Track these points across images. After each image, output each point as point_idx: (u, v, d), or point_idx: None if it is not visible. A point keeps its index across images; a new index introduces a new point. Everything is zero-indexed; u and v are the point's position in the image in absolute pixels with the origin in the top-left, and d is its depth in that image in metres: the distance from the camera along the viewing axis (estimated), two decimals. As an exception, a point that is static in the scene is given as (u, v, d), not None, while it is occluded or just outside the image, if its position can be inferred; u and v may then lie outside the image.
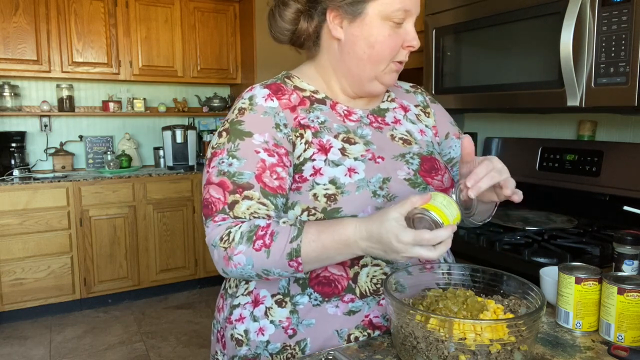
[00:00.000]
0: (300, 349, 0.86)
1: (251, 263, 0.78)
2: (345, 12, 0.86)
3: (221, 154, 0.85)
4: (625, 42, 1.24)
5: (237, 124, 0.86)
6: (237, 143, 0.84)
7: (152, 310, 3.44)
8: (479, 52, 1.69)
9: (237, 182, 0.82)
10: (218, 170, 0.84)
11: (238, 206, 0.81)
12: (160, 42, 3.74)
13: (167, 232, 3.63)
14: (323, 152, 0.86)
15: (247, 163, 0.83)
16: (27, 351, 2.84)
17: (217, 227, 0.81)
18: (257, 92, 0.89)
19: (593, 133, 1.78)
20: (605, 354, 0.78)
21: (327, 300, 0.85)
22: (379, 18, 0.84)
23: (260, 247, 0.77)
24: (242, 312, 0.90)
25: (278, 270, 0.78)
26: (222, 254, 0.80)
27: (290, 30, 0.92)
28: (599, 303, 0.86)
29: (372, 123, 0.95)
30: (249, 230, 0.78)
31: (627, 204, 1.15)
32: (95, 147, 3.85)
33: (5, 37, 3.24)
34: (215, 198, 0.82)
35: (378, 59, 0.87)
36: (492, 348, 0.66)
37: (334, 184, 0.84)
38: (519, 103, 1.56)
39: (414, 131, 0.98)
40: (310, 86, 0.94)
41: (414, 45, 0.87)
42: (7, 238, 3.11)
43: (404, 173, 0.89)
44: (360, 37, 0.86)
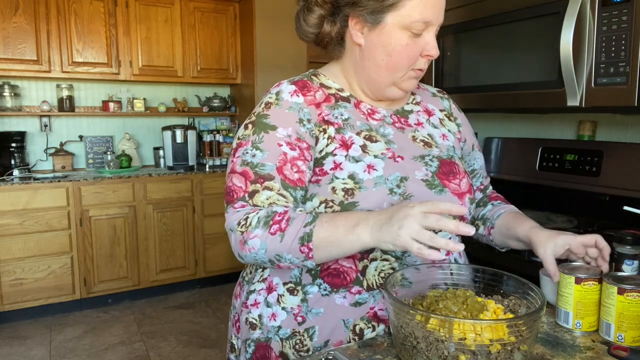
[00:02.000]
0: (308, 335, 0.89)
1: (265, 247, 0.80)
2: (365, 20, 0.88)
3: (246, 144, 0.88)
4: (625, 42, 1.24)
5: (263, 117, 0.90)
6: (262, 135, 0.88)
7: (152, 310, 3.44)
8: (479, 52, 1.69)
9: (259, 172, 0.85)
10: (242, 160, 0.87)
11: (258, 195, 0.85)
12: (160, 42, 3.74)
13: (167, 232, 3.63)
14: (344, 147, 0.89)
15: (269, 155, 0.86)
16: (27, 351, 2.84)
17: (236, 213, 0.84)
18: (284, 88, 0.92)
19: (593, 133, 1.78)
20: (605, 354, 0.78)
21: (335, 291, 0.88)
22: (398, 27, 0.86)
23: (276, 232, 0.79)
24: (257, 298, 0.94)
25: (289, 256, 0.79)
26: (238, 238, 0.82)
27: (314, 34, 0.95)
28: (599, 303, 0.86)
29: (395, 123, 0.97)
30: (266, 216, 0.81)
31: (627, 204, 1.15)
32: (95, 147, 3.85)
33: (5, 37, 3.24)
34: (237, 186, 0.86)
35: (395, 66, 0.89)
36: (492, 348, 0.66)
37: (352, 179, 0.86)
38: (519, 103, 1.56)
39: (436, 135, 1.00)
40: (336, 84, 0.97)
41: (433, 55, 0.89)
42: (7, 238, 3.11)
43: (421, 174, 0.91)
44: (379, 44, 0.88)
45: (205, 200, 3.75)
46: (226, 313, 3.38)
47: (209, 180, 3.76)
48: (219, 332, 3.09)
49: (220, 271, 3.88)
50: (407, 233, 0.70)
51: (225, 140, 4.13)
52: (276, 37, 3.82)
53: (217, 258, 3.85)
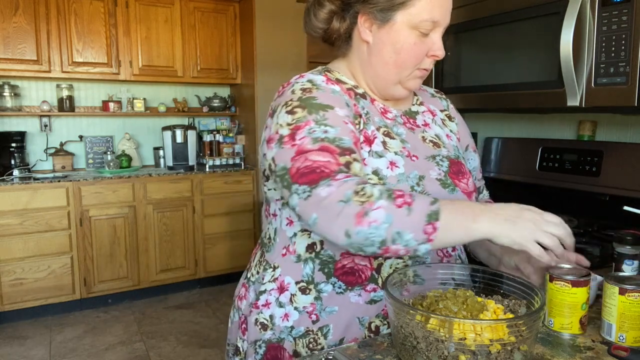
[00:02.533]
0: (322, 334, 0.89)
1: (390, 221, 0.72)
2: (375, 18, 0.88)
3: (307, 125, 0.81)
4: (625, 42, 1.24)
5: (311, 99, 0.85)
6: (322, 114, 0.83)
7: (152, 310, 3.44)
8: (479, 52, 1.69)
9: (342, 145, 0.80)
10: (312, 138, 0.80)
11: (353, 166, 0.79)
12: (160, 42, 3.74)
13: (167, 232, 3.63)
14: (367, 143, 0.88)
15: (341, 130, 0.82)
16: (27, 351, 2.84)
17: (345, 183, 0.75)
18: (313, 77, 0.90)
19: (593, 133, 1.78)
20: (606, 354, 0.78)
21: (350, 289, 0.88)
22: (407, 26, 0.86)
23: (402, 204, 0.73)
24: (268, 298, 0.93)
25: (410, 236, 0.73)
26: (355, 209, 0.73)
27: (323, 29, 0.94)
28: None
29: (405, 123, 0.97)
30: (386, 189, 0.75)
31: (627, 204, 1.15)
32: (95, 147, 3.85)
33: (5, 37, 3.24)
34: (323, 161, 0.78)
35: (403, 65, 0.89)
36: (492, 348, 0.66)
37: (376, 175, 0.86)
38: (519, 103, 1.56)
39: (442, 135, 1.01)
40: (350, 81, 0.96)
41: (439, 55, 0.90)
42: (7, 238, 3.11)
43: (435, 173, 0.92)
44: (388, 42, 0.88)
45: (205, 200, 3.75)
46: (226, 313, 3.37)
47: (209, 180, 3.76)
48: (219, 332, 3.09)
49: (220, 271, 3.88)
50: (533, 232, 0.72)
51: (225, 140, 4.13)
52: (276, 37, 3.82)
53: (217, 258, 3.85)
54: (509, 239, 0.72)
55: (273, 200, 0.96)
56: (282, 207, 0.94)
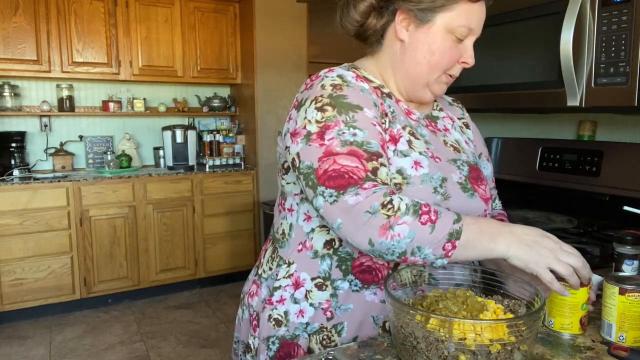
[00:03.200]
0: (336, 331, 0.89)
1: (412, 236, 0.75)
2: (414, 17, 0.88)
3: (337, 125, 0.82)
4: (625, 42, 1.24)
5: (341, 97, 0.84)
6: (352, 115, 0.83)
7: (152, 310, 3.44)
8: (479, 52, 1.69)
9: (369, 150, 0.81)
10: (341, 140, 0.80)
11: (380, 172, 0.80)
12: (160, 42, 3.74)
13: (167, 232, 3.63)
14: (393, 142, 0.88)
15: (370, 133, 0.82)
16: (27, 351, 2.84)
17: (373, 194, 0.76)
18: (343, 72, 0.90)
19: (593, 133, 1.78)
20: (605, 354, 0.78)
21: (366, 287, 0.89)
22: (444, 29, 0.87)
23: (426, 222, 0.75)
24: (282, 294, 0.93)
25: (429, 251, 0.76)
26: (381, 221, 0.75)
27: (360, 23, 0.94)
28: None
29: (428, 126, 0.98)
30: (413, 204, 0.77)
31: (627, 204, 1.15)
32: (95, 147, 3.85)
33: (5, 37, 3.24)
34: (351, 166, 0.78)
35: (435, 67, 0.90)
36: (492, 348, 0.66)
37: (400, 174, 0.86)
38: (519, 103, 1.56)
39: (461, 141, 1.02)
40: (377, 80, 0.96)
41: (469, 63, 0.91)
42: (7, 238, 3.11)
43: (457, 177, 0.92)
44: (424, 42, 0.89)
45: (205, 200, 3.75)
46: (226, 313, 3.37)
47: (209, 180, 3.76)
48: (219, 332, 3.09)
49: (220, 271, 3.88)
50: (550, 259, 0.75)
51: (225, 140, 4.13)
52: (276, 37, 3.82)
53: (217, 258, 3.85)
54: (522, 262, 0.76)
55: (291, 194, 0.95)
56: (300, 202, 0.93)
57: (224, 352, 2.82)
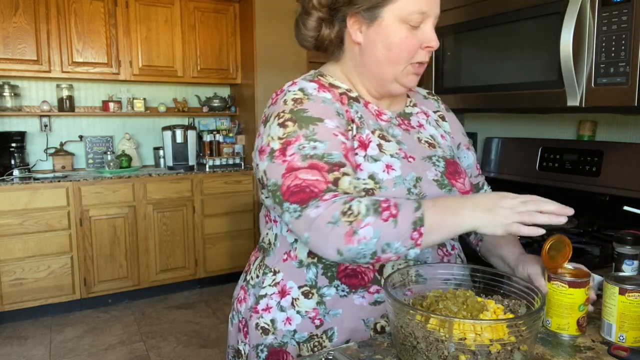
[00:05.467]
0: (327, 337, 0.89)
1: (378, 235, 0.75)
2: (362, 18, 0.89)
3: (297, 140, 0.83)
4: (625, 42, 1.24)
5: (301, 112, 0.86)
6: (312, 128, 0.84)
7: (152, 310, 3.44)
8: (479, 52, 1.69)
9: (330, 161, 0.81)
10: (301, 155, 0.81)
11: (342, 182, 0.80)
12: (160, 42, 3.74)
13: (167, 232, 3.63)
14: (362, 147, 0.88)
15: (331, 144, 0.83)
16: (27, 351, 2.84)
17: (333, 204, 0.77)
18: (305, 85, 0.90)
19: (593, 133, 1.78)
20: (605, 354, 0.78)
21: (353, 291, 0.88)
22: (395, 21, 0.87)
23: (388, 217, 0.75)
24: (268, 302, 0.93)
25: (398, 244, 0.76)
26: (344, 229, 0.76)
27: (314, 37, 0.95)
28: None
29: (400, 125, 0.97)
30: (372, 203, 0.77)
31: (627, 204, 1.15)
32: (95, 147, 3.85)
33: (5, 37, 3.24)
34: (312, 180, 0.80)
35: (396, 60, 0.89)
36: (492, 348, 0.66)
37: (372, 179, 0.86)
38: (519, 103, 1.56)
39: (437, 135, 1.02)
40: (344, 85, 0.96)
41: (433, 46, 0.89)
42: (7, 238, 3.11)
43: (432, 174, 0.92)
44: (378, 40, 0.88)
45: (205, 200, 3.75)
46: (226, 313, 3.37)
47: (209, 180, 3.76)
48: (219, 332, 3.09)
49: (220, 271, 3.88)
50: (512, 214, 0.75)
51: (225, 140, 4.13)
52: (276, 37, 3.82)
53: (217, 258, 3.85)
54: (490, 229, 0.76)
55: (271, 207, 0.95)
56: None
57: (223, 352, 2.82)
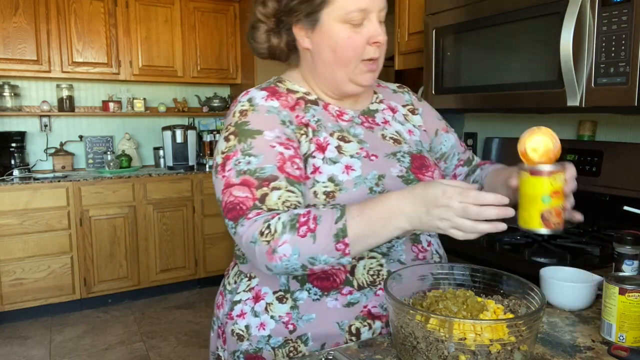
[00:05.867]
0: (302, 341, 0.88)
1: (297, 252, 0.75)
2: (305, 24, 0.90)
3: (235, 155, 0.84)
4: (625, 42, 1.24)
5: (243, 125, 0.87)
6: (250, 142, 0.85)
7: (152, 310, 3.44)
8: (479, 52, 1.69)
9: (261, 176, 0.82)
10: (236, 171, 0.83)
11: (269, 198, 0.81)
12: (160, 42, 3.74)
13: (167, 232, 3.63)
14: (320, 150, 0.88)
15: (265, 158, 0.83)
16: (27, 351, 2.84)
17: (254, 223, 0.78)
18: (254, 94, 0.91)
19: (593, 133, 1.78)
20: (605, 354, 0.78)
21: (326, 294, 0.87)
22: (336, 22, 0.87)
23: (306, 233, 0.75)
24: (243, 308, 0.93)
25: (324, 257, 0.76)
26: (264, 248, 0.77)
27: (266, 48, 0.97)
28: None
29: (364, 123, 0.97)
30: (290, 219, 0.77)
31: (627, 204, 1.15)
32: (95, 147, 3.85)
33: (5, 37, 3.24)
34: (242, 197, 0.81)
35: (343, 61, 0.89)
36: (492, 348, 0.66)
37: (332, 182, 0.86)
38: (519, 103, 1.56)
39: (403, 131, 1.01)
40: (302, 88, 0.97)
41: (380, 41, 0.88)
42: (7, 238, 3.10)
43: (396, 170, 0.92)
44: (323, 43, 0.89)
45: (205, 200, 3.75)
46: (226, 313, 3.37)
47: (209, 180, 3.76)
48: (219, 332, 3.08)
49: (220, 271, 3.88)
50: (449, 225, 0.71)
51: (225, 140, 4.12)
52: (276, 37, 3.81)
53: (217, 258, 3.85)
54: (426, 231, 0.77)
55: None
56: None
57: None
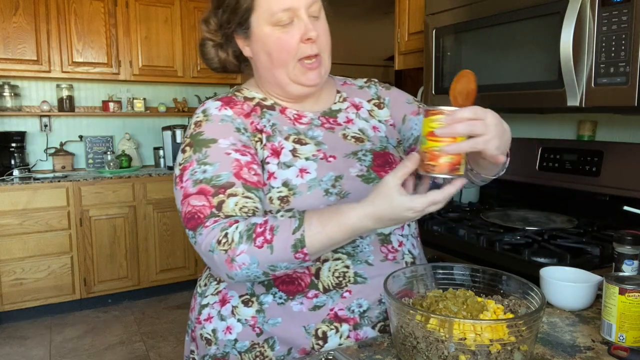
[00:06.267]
0: (269, 346, 0.87)
1: (256, 261, 0.75)
2: (240, 33, 0.91)
3: (191, 165, 0.85)
4: (625, 42, 1.24)
5: (198, 135, 0.88)
6: (205, 151, 0.85)
7: (152, 310, 3.44)
8: (479, 52, 1.69)
9: (217, 184, 0.82)
10: (193, 181, 0.83)
11: (225, 205, 0.80)
12: (160, 42, 3.74)
13: (167, 232, 3.63)
14: (275, 155, 0.88)
15: (221, 165, 0.83)
16: (27, 351, 2.84)
17: (212, 231, 0.78)
18: (209, 105, 0.92)
19: (593, 133, 1.78)
20: (605, 354, 0.78)
21: (291, 298, 0.87)
22: (265, 26, 0.87)
23: (262, 244, 0.75)
24: (210, 312, 0.93)
25: (285, 264, 0.76)
26: (222, 257, 0.77)
27: (217, 62, 0.98)
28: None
29: (324, 124, 0.96)
30: (247, 229, 0.76)
31: (627, 204, 1.15)
32: (95, 147, 3.85)
33: (5, 37, 3.24)
34: (199, 206, 0.81)
35: (280, 63, 0.89)
36: (492, 348, 0.66)
37: (286, 186, 0.86)
38: (519, 103, 1.56)
39: (367, 129, 1.00)
40: (259, 95, 0.97)
41: (311, 37, 0.86)
42: (7, 238, 3.10)
43: (356, 170, 0.91)
44: (259, 49, 0.90)
45: (205, 200, 3.75)
46: (226, 313, 3.37)
47: (209, 180, 3.76)
48: (219, 332, 3.08)
49: (220, 271, 3.88)
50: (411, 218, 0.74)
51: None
52: (276, 37, 3.82)
53: (217, 258, 3.84)
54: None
55: None
56: None
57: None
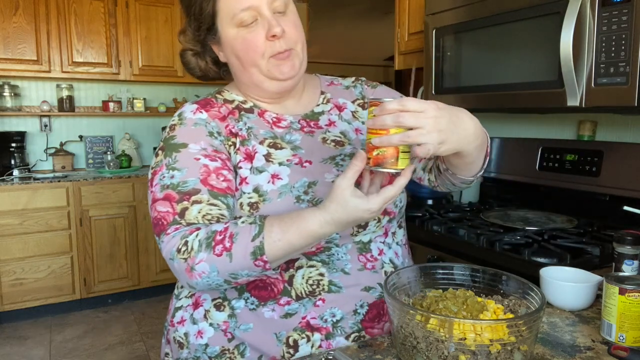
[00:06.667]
0: (239, 352, 0.86)
1: (215, 270, 0.75)
2: (211, 39, 0.91)
3: (160, 170, 0.85)
4: (625, 42, 1.24)
5: (170, 139, 0.88)
6: (174, 156, 0.85)
7: (152, 310, 3.44)
8: (479, 52, 1.69)
9: (183, 190, 0.81)
10: (160, 186, 0.83)
11: (188, 212, 0.80)
12: (160, 42, 3.74)
13: (167, 232, 3.63)
14: (248, 160, 0.87)
15: (189, 171, 0.83)
16: (27, 351, 2.84)
17: (172, 239, 0.78)
18: (185, 108, 0.93)
19: (593, 133, 1.78)
20: (605, 354, 0.78)
21: (263, 304, 0.85)
22: (230, 28, 0.87)
23: (221, 252, 0.74)
24: (183, 315, 0.92)
25: (245, 272, 0.75)
26: (182, 266, 0.76)
27: (198, 70, 0.98)
28: None
29: (303, 128, 0.94)
30: (206, 237, 0.76)
31: (627, 204, 1.15)
32: (95, 147, 3.85)
33: (5, 37, 3.24)
34: (163, 212, 0.81)
35: (249, 62, 0.88)
36: (492, 348, 0.66)
37: (257, 192, 0.84)
38: (519, 103, 1.56)
39: (349, 131, 0.98)
40: (239, 97, 0.97)
41: (275, 33, 0.84)
42: (7, 238, 3.11)
43: (332, 175, 0.89)
44: (229, 52, 0.90)
45: (205, 200, 3.75)
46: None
47: (209, 180, 3.76)
48: (219, 332, 3.08)
49: (220, 271, 3.88)
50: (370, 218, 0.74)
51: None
52: (276, 37, 3.81)
53: (217, 258, 3.85)
54: None
55: None
56: None
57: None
